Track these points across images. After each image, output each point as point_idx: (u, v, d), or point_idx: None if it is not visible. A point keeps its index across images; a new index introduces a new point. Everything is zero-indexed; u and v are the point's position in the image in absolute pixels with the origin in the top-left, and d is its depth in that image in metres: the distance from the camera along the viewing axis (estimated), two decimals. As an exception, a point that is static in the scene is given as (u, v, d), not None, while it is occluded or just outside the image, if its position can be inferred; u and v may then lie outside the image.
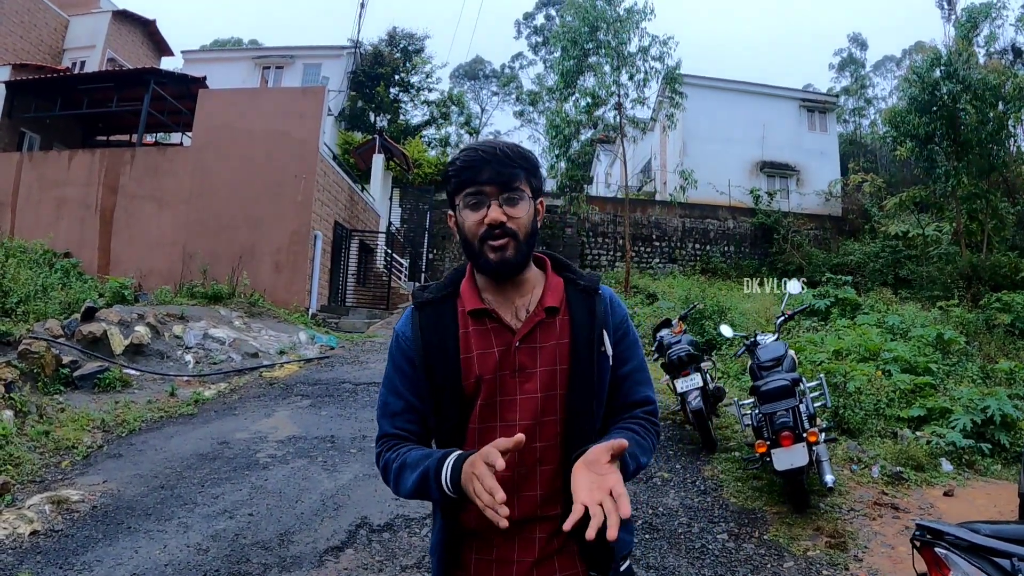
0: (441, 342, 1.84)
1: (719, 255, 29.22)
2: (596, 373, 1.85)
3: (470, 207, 1.80)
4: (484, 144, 1.84)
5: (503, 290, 1.88)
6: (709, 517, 5.74)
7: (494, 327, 1.84)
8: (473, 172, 1.78)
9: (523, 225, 1.80)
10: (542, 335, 1.84)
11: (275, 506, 5.47)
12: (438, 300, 1.92)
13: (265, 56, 32.98)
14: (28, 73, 19.19)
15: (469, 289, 1.90)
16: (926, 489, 6.62)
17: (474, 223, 1.79)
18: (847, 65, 54.94)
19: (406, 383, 1.90)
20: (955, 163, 20.23)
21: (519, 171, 1.81)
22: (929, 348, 11.37)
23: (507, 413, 1.80)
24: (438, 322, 1.88)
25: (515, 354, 1.81)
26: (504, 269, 1.80)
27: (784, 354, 6.59)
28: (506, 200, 1.78)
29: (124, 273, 14.91)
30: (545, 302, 1.87)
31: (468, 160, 1.80)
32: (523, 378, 1.80)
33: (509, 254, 1.78)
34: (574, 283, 1.94)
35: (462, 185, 1.81)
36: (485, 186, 1.77)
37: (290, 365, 11.32)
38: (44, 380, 8.14)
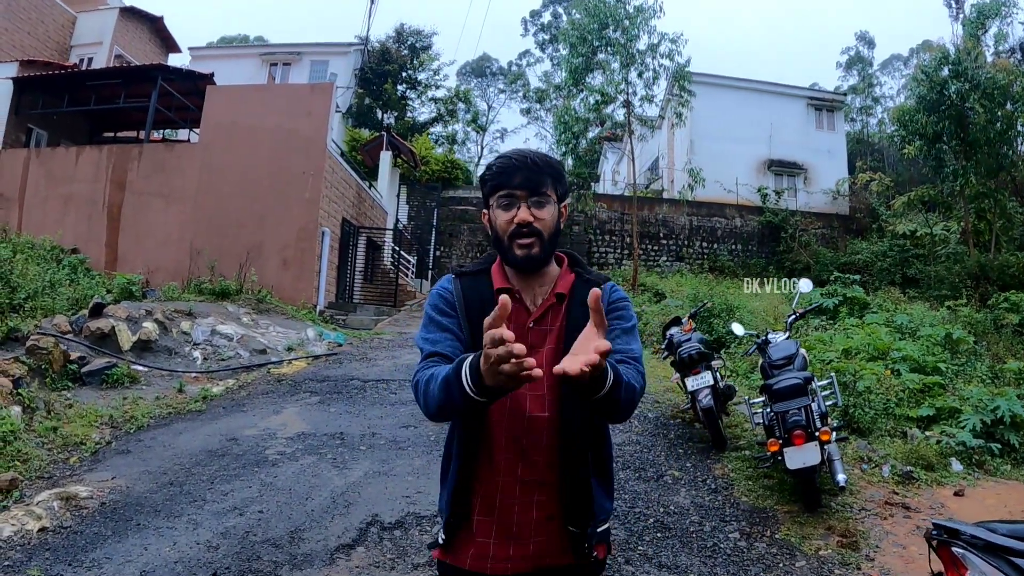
0: (479, 304, 2.04)
1: (726, 253, 29.11)
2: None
3: (502, 207, 2.04)
4: (517, 153, 2.08)
5: (526, 279, 2.11)
6: (721, 516, 5.70)
7: (515, 306, 2.02)
8: (506, 177, 2.03)
9: (548, 226, 2.04)
10: (552, 318, 2.07)
11: (285, 503, 5.44)
12: (474, 273, 2.17)
13: (272, 53, 33.03)
14: (35, 70, 19.21)
15: (499, 271, 2.14)
16: (936, 489, 6.58)
17: (505, 221, 2.03)
18: (854, 64, 54.75)
19: (449, 322, 2.07)
20: (963, 162, 20.20)
21: (547, 178, 2.05)
22: (938, 348, 11.31)
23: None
24: (477, 291, 2.11)
25: (528, 333, 2.02)
26: (529, 264, 2.04)
27: (795, 353, 6.55)
28: (534, 203, 2.02)
29: (132, 269, 14.96)
30: (558, 289, 2.10)
31: (502, 166, 2.05)
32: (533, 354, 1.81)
33: (535, 251, 2.02)
34: (582, 277, 2.15)
35: (496, 188, 2.06)
36: (516, 190, 2.02)
37: (298, 362, 11.30)
38: (52, 376, 8.14)
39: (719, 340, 12.54)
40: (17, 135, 18.81)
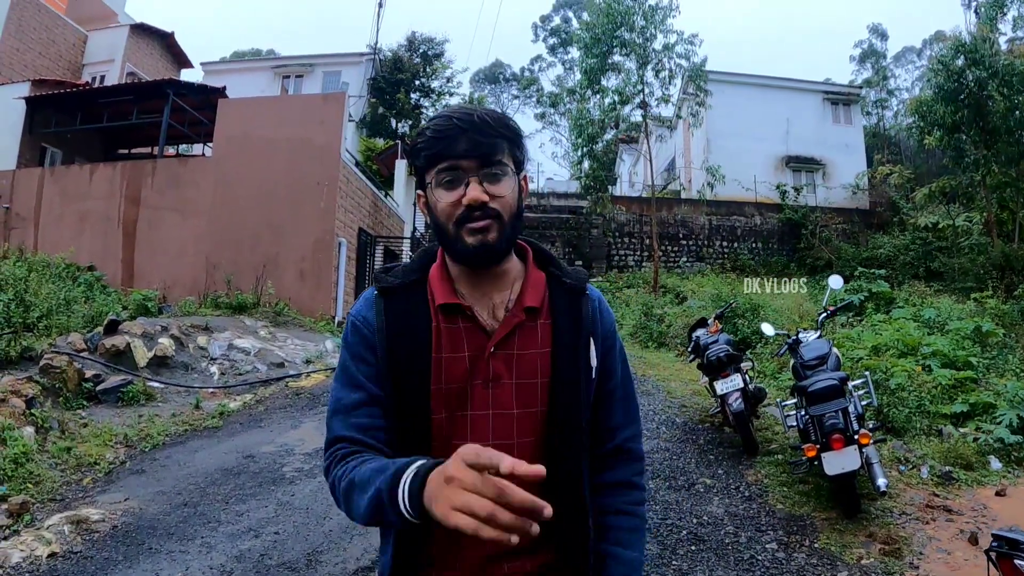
0: (410, 335, 1.54)
1: (747, 252, 28.86)
2: (582, 387, 1.58)
3: (443, 185, 1.50)
4: (459, 110, 1.53)
5: (479, 283, 1.59)
6: (756, 525, 5.48)
7: (467, 327, 1.55)
8: (447, 144, 1.48)
9: (507, 205, 1.51)
10: (520, 340, 1.56)
11: (302, 523, 5.27)
12: (406, 287, 1.62)
13: (284, 65, 33.07)
14: (48, 89, 19.26)
15: (440, 278, 1.60)
16: (977, 489, 6.33)
17: (449, 204, 1.49)
18: (868, 57, 54.27)
19: (366, 372, 1.57)
20: (984, 151, 19.92)
21: (501, 141, 1.51)
22: (967, 341, 11.05)
23: (477, 431, 1.51)
24: (406, 311, 1.58)
25: (489, 361, 1.53)
26: (485, 256, 1.51)
27: (828, 352, 6.32)
28: (487, 176, 1.48)
29: (148, 285, 14.88)
30: (525, 301, 1.58)
31: (440, 129, 1.49)
32: (496, 390, 1.52)
33: (492, 237, 1.49)
34: (558, 280, 1.65)
35: (434, 159, 1.51)
36: (461, 160, 1.48)
37: (316, 374, 11.16)
38: (67, 395, 8.04)
39: (745, 340, 12.33)
40: (31, 154, 18.86)
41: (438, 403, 1.51)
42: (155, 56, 27.34)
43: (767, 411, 8.43)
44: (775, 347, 9.81)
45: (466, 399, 1.52)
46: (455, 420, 1.52)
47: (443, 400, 1.51)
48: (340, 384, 1.61)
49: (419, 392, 1.51)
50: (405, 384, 1.52)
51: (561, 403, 1.54)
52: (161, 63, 27.53)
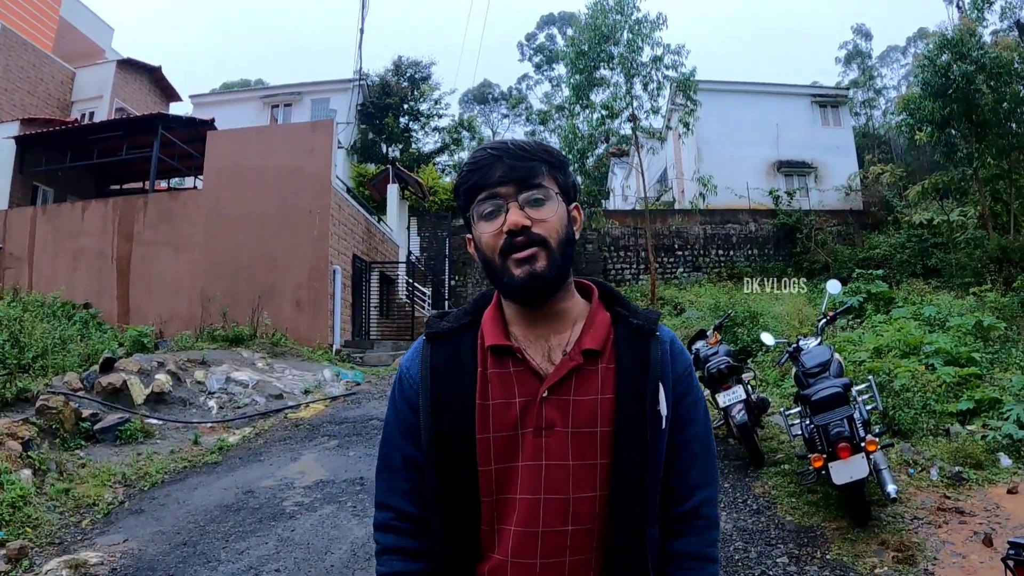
0: (454, 385, 1.46)
1: (743, 259, 28.80)
2: (650, 439, 1.43)
3: (484, 217, 1.44)
4: (494, 142, 1.49)
5: (535, 323, 1.50)
6: (766, 539, 5.39)
7: (519, 371, 1.45)
8: (483, 173, 1.44)
9: (552, 229, 1.43)
10: (578, 385, 1.44)
11: (303, 559, 5.15)
12: (456, 331, 1.54)
13: (273, 95, 33.17)
14: (37, 127, 19.26)
15: (493, 319, 1.52)
16: (988, 488, 6.25)
17: (491, 235, 1.43)
18: (853, 58, 54.62)
19: (406, 433, 1.54)
20: (975, 145, 19.96)
21: (539, 164, 1.45)
22: (970, 337, 10.97)
23: (528, 483, 1.41)
24: (453, 359, 1.50)
25: (541, 407, 1.42)
26: (534, 287, 1.41)
27: (830, 358, 6.25)
28: (527, 201, 1.42)
29: (144, 320, 14.82)
30: (584, 343, 1.46)
31: (475, 161, 1.46)
32: (549, 439, 1.41)
33: (540, 266, 1.40)
34: (625, 320, 1.52)
35: (472, 192, 1.46)
36: (499, 187, 1.43)
37: (316, 404, 11.06)
38: (64, 435, 7.95)
39: (745, 349, 12.25)
40: (23, 193, 18.87)
41: (485, 454, 1.42)
42: (143, 91, 27.39)
43: (771, 420, 8.36)
44: (776, 355, 9.72)
45: (516, 449, 1.43)
46: (505, 472, 1.42)
47: (490, 450, 1.43)
48: (384, 439, 1.63)
49: (464, 442, 1.43)
50: (449, 434, 1.45)
51: (624, 455, 1.42)
52: (149, 97, 27.57)
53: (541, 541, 1.39)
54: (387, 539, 1.55)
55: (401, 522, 1.54)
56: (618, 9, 21.64)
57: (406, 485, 1.54)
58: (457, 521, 1.44)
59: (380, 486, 1.60)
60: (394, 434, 1.58)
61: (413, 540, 1.53)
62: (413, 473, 1.54)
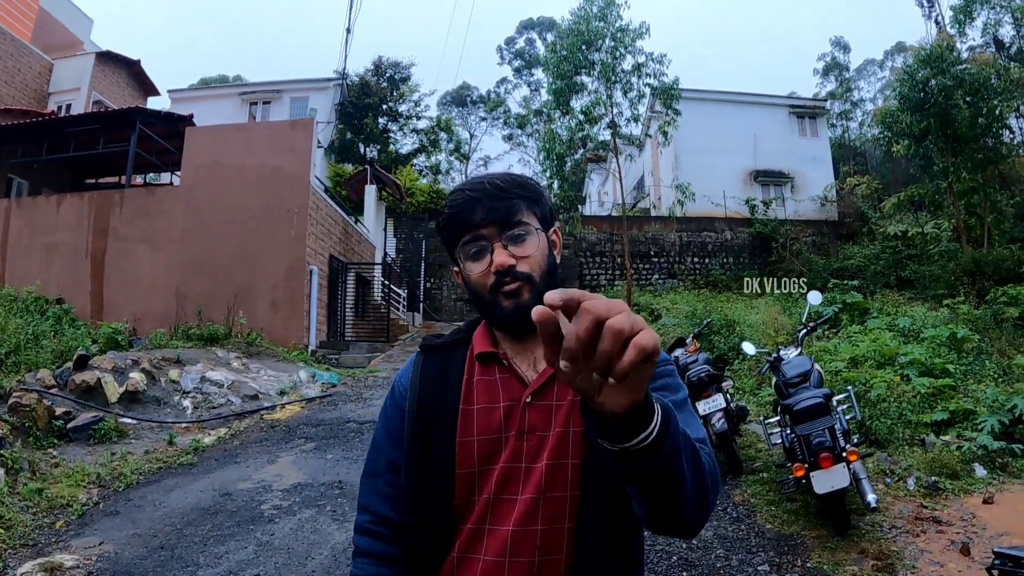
0: (440, 390, 1.53)
1: (719, 267, 28.97)
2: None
3: (471, 257, 1.51)
4: (471, 182, 1.56)
5: (523, 338, 1.54)
6: (747, 547, 5.41)
7: (504, 377, 1.51)
8: (465, 216, 1.50)
9: (536, 263, 1.49)
10: (560, 390, 1.47)
11: (283, 564, 5.09)
12: (449, 345, 1.63)
13: (252, 92, 32.95)
14: (13, 118, 18.97)
15: (483, 334, 1.59)
16: (964, 498, 6.34)
17: (480, 274, 1.50)
18: (831, 70, 55.17)
19: (392, 438, 1.60)
20: (951, 159, 20.20)
21: (518, 202, 1.51)
22: (944, 348, 11.13)
23: (503, 484, 1.44)
24: (443, 370, 1.57)
25: (524, 412, 1.46)
26: (522, 318, 1.43)
27: (810, 369, 6.29)
28: (510, 239, 1.49)
29: (118, 317, 14.62)
30: None
31: (456, 204, 1.52)
32: (531, 442, 1.44)
33: (525, 299, 1.45)
34: None
35: (457, 234, 1.53)
36: (482, 229, 1.49)
37: (291, 406, 10.98)
38: (37, 434, 7.82)
39: (722, 357, 12.31)
40: (-3, 186, 18.57)
41: (466, 457, 1.46)
42: (121, 84, 27.08)
43: (748, 428, 8.40)
44: (758, 364, 9.78)
45: (498, 451, 1.46)
46: (485, 474, 1.45)
47: (471, 453, 1.46)
48: (372, 445, 1.69)
49: (444, 445, 1.48)
50: (429, 437, 1.50)
51: (593, 453, 1.41)
52: (128, 91, 27.27)
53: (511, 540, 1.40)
54: (362, 542, 1.61)
55: (377, 526, 1.60)
56: (601, 16, 21.72)
57: (388, 489, 1.60)
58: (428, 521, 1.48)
59: (363, 489, 1.66)
60: (382, 440, 1.64)
61: (386, 545, 1.58)
62: (395, 477, 1.58)
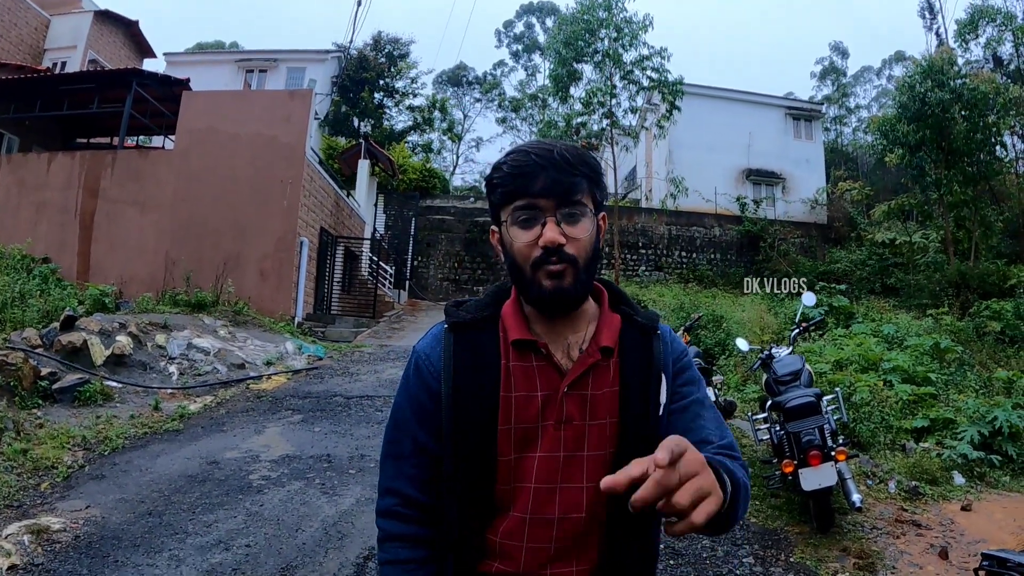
0: (478, 377, 1.48)
1: (705, 263, 29.04)
2: (652, 428, 1.48)
3: (520, 224, 1.45)
4: (538, 146, 1.47)
5: (555, 322, 1.52)
6: (732, 539, 5.47)
7: (540, 365, 1.48)
8: (525, 181, 1.43)
9: (583, 248, 1.45)
10: (595, 381, 1.48)
11: (274, 536, 5.08)
12: (478, 322, 1.55)
13: (248, 59, 32.62)
14: (7, 73, 18.73)
15: (514, 314, 1.54)
16: (943, 504, 6.48)
17: (526, 244, 1.44)
18: (828, 74, 55.34)
19: (421, 419, 1.55)
20: (944, 171, 20.32)
21: (581, 180, 1.45)
22: (927, 357, 11.26)
23: (545, 473, 1.46)
24: (476, 351, 1.52)
25: (562, 401, 1.46)
26: (560, 300, 1.46)
27: (801, 368, 6.35)
28: (565, 217, 1.43)
29: (104, 279, 14.52)
30: (600, 340, 1.51)
31: (518, 165, 1.44)
32: (568, 431, 1.45)
33: (567, 283, 1.43)
34: (631, 320, 1.57)
35: (511, 196, 1.46)
36: (540, 199, 1.43)
37: (278, 377, 10.96)
38: (22, 393, 7.74)
39: (708, 352, 12.38)
40: (-13, 141, 18.36)
41: (505, 444, 1.46)
42: (118, 44, 26.76)
43: (733, 423, 8.46)
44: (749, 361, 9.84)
45: (536, 440, 1.46)
46: (523, 462, 1.46)
47: (511, 440, 1.46)
48: (394, 424, 1.62)
49: (486, 432, 1.45)
50: (471, 424, 1.47)
51: (629, 444, 1.45)
52: (124, 52, 26.95)
53: (556, 528, 1.45)
54: (391, 525, 1.56)
55: (407, 508, 1.56)
56: (606, 6, 21.68)
57: (415, 471, 1.56)
58: (473, 507, 1.48)
59: (387, 472, 1.60)
60: (407, 420, 1.58)
61: (417, 527, 1.55)
62: (423, 459, 1.55)
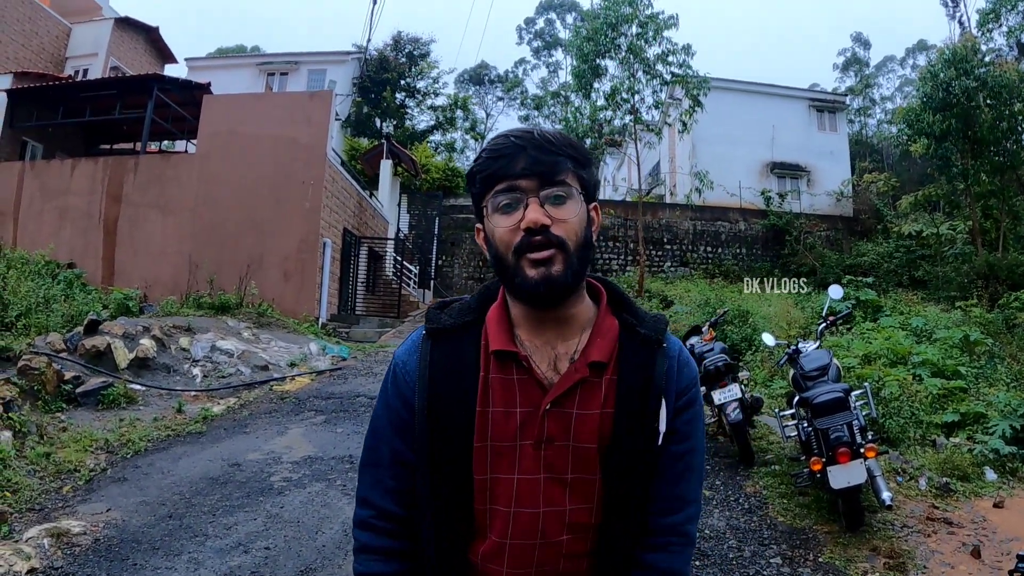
0: (454, 387, 1.40)
1: (731, 258, 28.80)
2: (645, 457, 1.40)
3: (501, 210, 1.35)
4: (517, 129, 1.40)
5: (543, 327, 1.42)
6: (759, 539, 5.36)
7: (522, 379, 1.39)
8: (504, 163, 1.35)
9: (572, 231, 1.35)
10: (582, 398, 1.38)
11: (293, 538, 5.04)
12: (458, 328, 1.46)
13: (269, 63, 32.77)
14: (30, 81, 18.93)
15: (498, 319, 1.45)
16: (975, 500, 6.30)
17: (507, 229, 1.34)
18: (851, 65, 54.86)
19: (397, 428, 1.48)
20: (971, 161, 20.04)
21: (564, 160, 1.36)
22: (956, 351, 11.04)
23: (525, 497, 1.37)
24: (454, 359, 1.43)
25: (543, 420, 1.36)
26: (548, 290, 1.34)
27: (829, 363, 6.20)
28: (549, 198, 1.34)
29: (129, 284, 14.60)
30: (591, 354, 1.40)
31: (497, 148, 1.37)
32: (549, 452, 1.36)
33: (555, 269, 1.32)
34: (632, 329, 1.45)
35: (490, 181, 1.37)
36: (520, 180, 1.34)
37: (301, 378, 10.95)
38: (45, 397, 7.78)
39: (734, 347, 12.23)
40: (12, 148, 18.54)
41: (481, 463, 1.38)
42: (139, 51, 26.99)
43: (759, 420, 8.34)
44: (776, 356, 9.69)
45: (513, 460, 1.38)
46: (498, 483, 1.38)
47: (487, 460, 1.38)
48: (371, 432, 1.56)
49: (460, 450, 1.38)
50: (444, 439, 1.39)
51: (616, 474, 1.38)
52: (145, 58, 27.18)
53: (538, 552, 1.38)
54: (366, 537, 1.50)
55: (382, 521, 1.49)
56: (629, 2, 21.61)
57: (392, 483, 1.49)
58: (448, 527, 1.41)
59: (364, 481, 1.54)
60: (384, 428, 1.51)
61: (393, 540, 1.48)
62: (400, 470, 1.48)
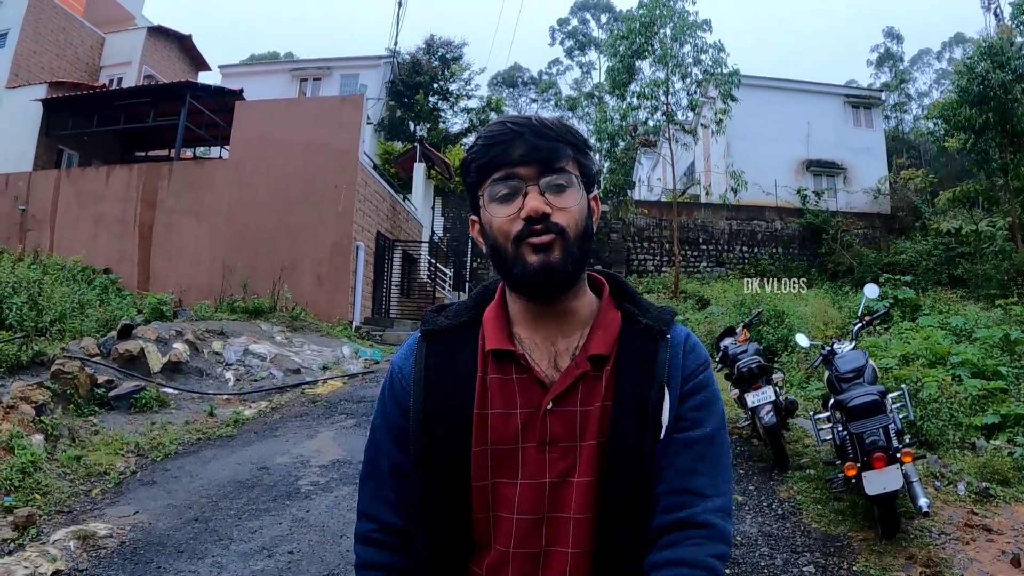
0: (450, 390, 1.34)
1: (767, 257, 28.45)
2: (646, 453, 1.29)
3: (499, 199, 1.29)
4: (515, 116, 1.34)
5: (543, 323, 1.36)
6: (792, 546, 5.22)
7: (521, 379, 1.32)
8: (501, 150, 1.28)
9: (573, 219, 1.28)
10: (584, 395, 1.31)
11: (318, 542, 5.00)
12: (455, 329, 1.41)
13: (302, 68, 32.98)
14: (65, 91, 19.27)
15: (496, 317, 1.39)
16: (1016, 506, 6.05)
17: (505, 220, 1.28)
18: (885, 60, 54.18)
19: (396, 437, 1.41)
20: (1010, 155, 19.64)
21: (563, 147, 1.30)
22: (996, 350, 10.75)
23: (529, 502, 1.29)
24: (450, 361, 1.37)
25: (545, 420, 1.29)
26: (547, 278, 1.27)
27: (865, 364, 6.03)
28: (550, 187, 1.27)
29: (164, 288, 14.78)
30: (591, 347, 1.33)
31: (493, 135, 1.30)
32: (554, 454, 1.28)
33: (555, 256, 1.26)
34: (634, 320, 1.38)
35: (487, 169, 1.30)
36: (519, 167, 1.27)
37: (333, 381, 10.96)
38: (78, 401, 7.84)
39: (769, 348, 12.05)
40: (48, 156, 18.88)
41: (480, 468, 1.30)
42: (172, 59, 27.35)
43: (794, 423, 8.19)
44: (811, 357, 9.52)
45: (515, 464, 1.30)
46: (500, 489, 1.30)
47: (487, 464, 1.30)
48: (371, 442, 1.49)
49: (458, 454, 1.30)
50: (441, 444, 1.32)
51: (614, 470, 1.28)
52: (178, 65, 27.54)
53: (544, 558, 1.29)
54: (367, 553, 1.43)
55: (384, 535, 1.42)
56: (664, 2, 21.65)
57: (392, 495, 1.42)
58: (445, 536, 1.33)
59: (364, 494, 1.47)
60: (383, 439, 1.45)
61: (395, 556, 1.41)
62: (401, 483, 1.41)
